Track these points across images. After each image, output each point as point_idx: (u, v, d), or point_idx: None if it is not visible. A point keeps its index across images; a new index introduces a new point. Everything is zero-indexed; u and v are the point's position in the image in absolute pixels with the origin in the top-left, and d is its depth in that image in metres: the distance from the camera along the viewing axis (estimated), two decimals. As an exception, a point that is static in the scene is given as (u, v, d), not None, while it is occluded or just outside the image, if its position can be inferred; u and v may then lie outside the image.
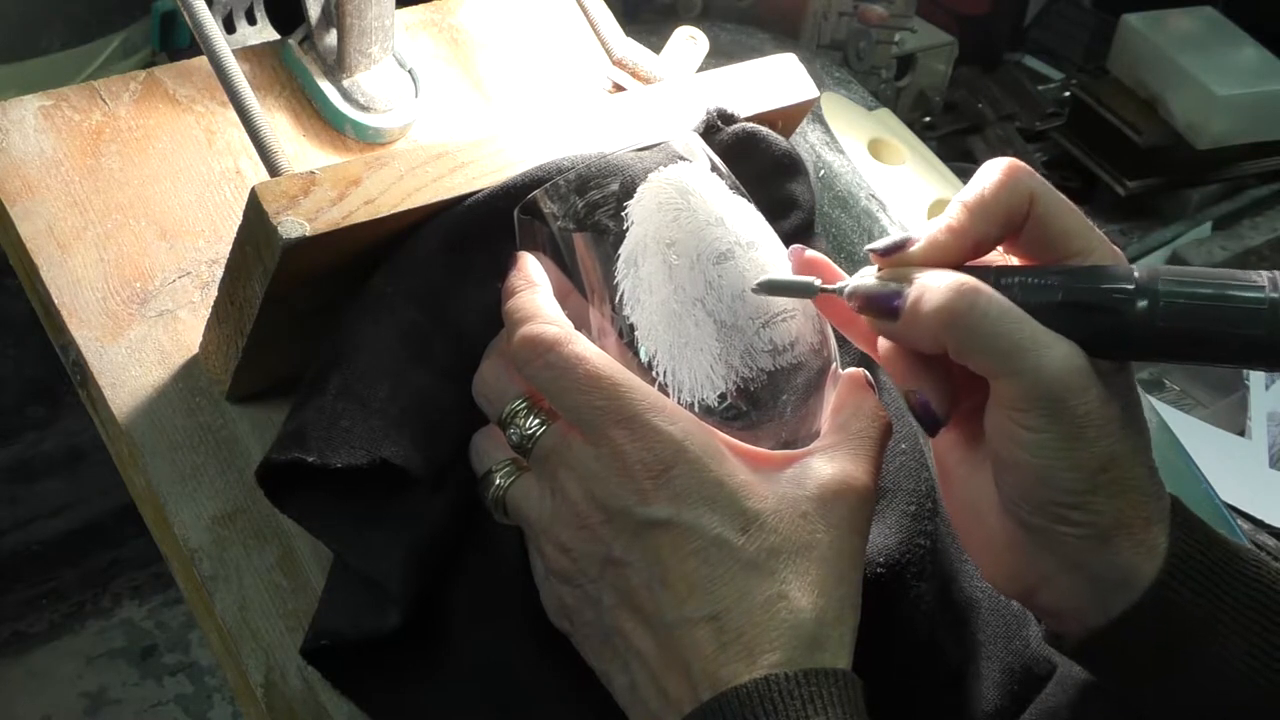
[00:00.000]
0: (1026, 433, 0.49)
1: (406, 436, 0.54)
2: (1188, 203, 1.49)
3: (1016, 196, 0.51)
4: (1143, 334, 0.49)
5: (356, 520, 0.55)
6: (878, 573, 0.57)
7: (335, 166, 0.55)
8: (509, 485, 0.53)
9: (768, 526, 0.49)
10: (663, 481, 0.49)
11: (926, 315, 0.49)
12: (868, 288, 0.51)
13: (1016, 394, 0.49)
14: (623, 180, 0.54)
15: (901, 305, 0.50)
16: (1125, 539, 0.50)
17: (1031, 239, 0.52)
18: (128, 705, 1.33)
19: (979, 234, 0.51)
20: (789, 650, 0.47)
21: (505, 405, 0.53)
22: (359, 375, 0.54)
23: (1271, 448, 1.21)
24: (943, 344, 0.50)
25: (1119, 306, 0.49)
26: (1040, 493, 0.50)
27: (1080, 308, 0.50)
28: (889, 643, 0.58)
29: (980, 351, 0.49)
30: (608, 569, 0.50)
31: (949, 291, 0.49)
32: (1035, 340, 0.49)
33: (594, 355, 0.50)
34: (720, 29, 1.15)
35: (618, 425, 0.49)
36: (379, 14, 0.68)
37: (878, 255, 0.52)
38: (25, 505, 1.37)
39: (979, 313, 0.49)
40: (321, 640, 0.54)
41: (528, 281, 0.54)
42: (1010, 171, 0.51)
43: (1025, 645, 0.65)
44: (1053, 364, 0.49)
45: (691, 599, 0.48)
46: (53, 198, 0.63)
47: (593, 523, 0.50)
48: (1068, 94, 1.55)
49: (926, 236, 0.51)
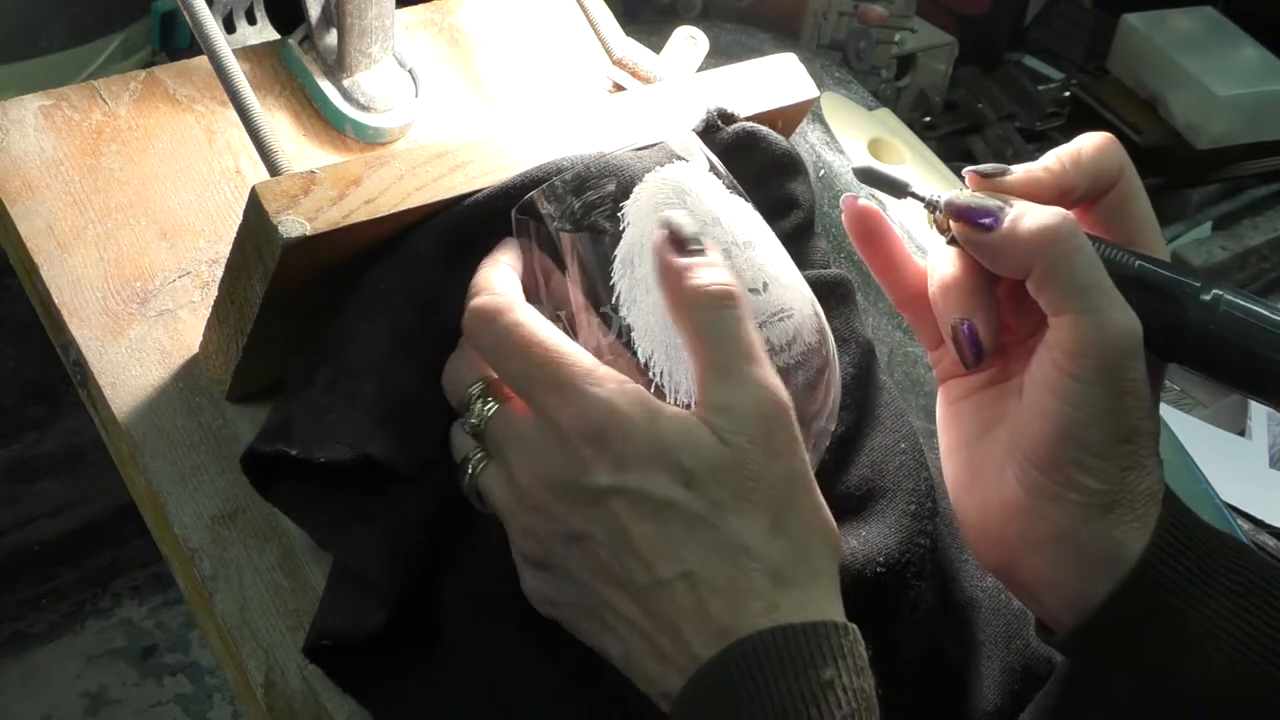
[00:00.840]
0: (1072, 381, 0.51)
1: (392, 432, 0.54)
2: (1188, 203, 1.49)
3: (1110, 162, 0.55)
4: (1196, 333, 0.52)
5: (340, 513, 0.55)
6: (878, 572, 0.57)
7: (335, 166, 0.55)
8: (479, 472, 0.53)
9: (708, 479, 0.49)
10: (600, 448, 0.49)
11: (1027, 231, 0.51)
12: (970, 198, 0.54)
13: (1078, 336, 0.51)
14: (619, 181, 0.54)
15: (1000, 218, 0.52)
16: (1121, 513, 0.52)
17: (1107, 211, 0.55)
18: (128, 705, 1.33)
19: (1070, 183, 0.54)
20: (768, 596, 0.47)
21: (462, 391, 0.53)
22: (347, 370, 0.54)
23: (1271, 448, 1.21)
24: (1029, 264, 0.52)
25: (1182, 299, 0.52)
26: (1060, 448, 0.52)
27: (1148, 288, 0.52)
28: (889, 643, 0.58)
29: (1064, 281, 0.51)
30: (572, 545, 0.50)
31: (1054, 215, 0.52)
32: (1110, 294, 0.51)
33: (531, 322, 0.50)
34: (720, 29, 1.15)
35: (550, 392, 0.49)
36: (379, 14, 0.68)
37: (978, 176, 0.55)
38: (25, 505, 1.37)
39: (1072, 247, 0.51)
40: (323, 640, 0.55)
41: (493, 260, 0.54)
42: (1108, 141, 0.55)
43: (1025, 645, 0.65)
44: (1120, 322, 0.51)
45: (659, 562, 0.48)
46: (53, 197, 0.63)
47: (545, 501, 0.50)
48: (1068, 94, 1.55)
49: (1024, 170, 0.54)
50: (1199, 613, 0.51)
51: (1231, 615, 0.51)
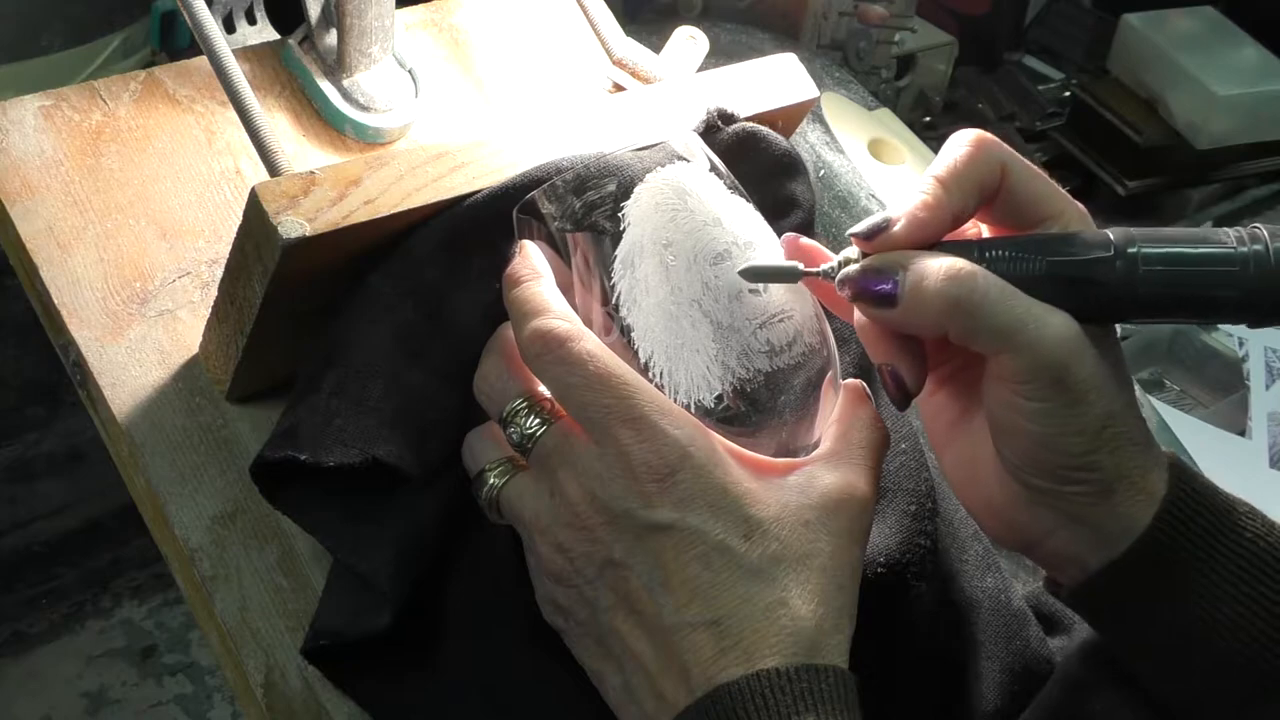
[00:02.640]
0: (1030, 403, 0.50)
1: (400, 435, 0.54)
2: (1188, 203, 1.49)
3: (988, 166, 0.52)
4: (1126, 301, 0.51)
5: (348, 517, 0.55)
6: (878, 572, 0.57)
7: (335, 166, 0.55)
8: (503, 485, 0.53)
9: (770, 534, 0.49)
10: (668, 485, 0.49)
11: (927, 304, 0.50)
12: (859, 276, 0.52)
13: (1018, 368, 0.50)
14: (620, 181, 0.54)
15: (898, 293, 0.51)
16: (1125, 489, 0.52)
17: (1004, 207, 0.53)
18: (128, 705, 1.33)
19: (956, 207, 0.52)
20: (787, 656, 0.47)
21: (506, 404, 0.53)
22: (353, 374, 0.54)
23: (1271, 448, 1.21)
24: (943, 329, 0.51)
25: (1100, 276, 0.51)
26: (1045, 458, 0.52)
27: (1062, 279, 0.51)
28: (889, 643, 0.58)
29: (983, 332, 0.50)
30: (606, 570, 0.50)
31: (948, 279, 0.50)
32: (1032, 315, 0.50)
33: (603, 353, 0.50)
34: (720, 29, 1.15)
35: (624, 425, 0.49)
36: (379, 14, 0.68)
37: (860, 239, 0.52)
38: (25, 505, 1.38)
39: (980, 296, 0.50)
40: (321, 640, 0.54)
41: (533, 272, 0.53)
42: (979, 143, 0.52)
43: (1025, 645, 0.65)
44: (1052, 335, 0.50)
45: (693, 604, 0.48)
46: (53, 198, 0.63)
47: (593, 524, 0.50)
48: (1068, 94, 1.55)
49: (906, 215, 0.51)
50: (1205, 578, 0.52)
51: (1238, 581, 0.51)
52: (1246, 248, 0.50)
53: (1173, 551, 0.52)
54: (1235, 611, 0.51)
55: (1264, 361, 1.28)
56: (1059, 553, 0.54)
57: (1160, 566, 0.52)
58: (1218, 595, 0.51)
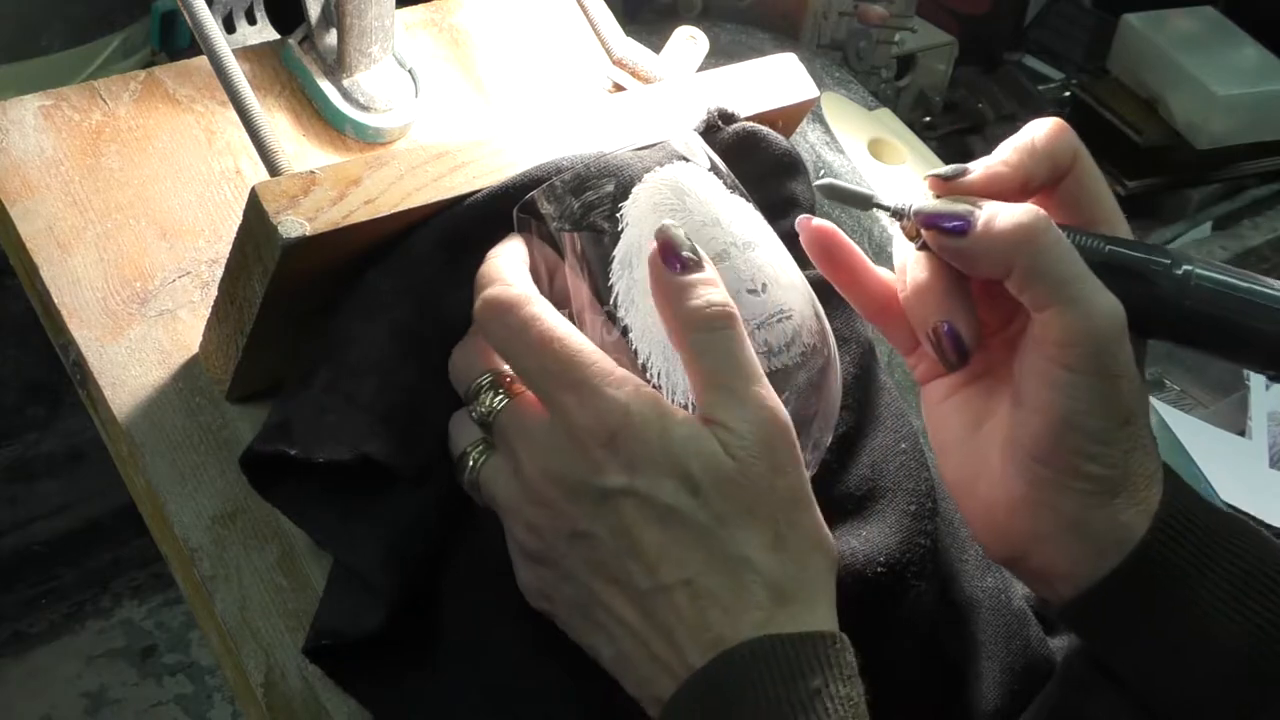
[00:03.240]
0: (1066, 372, 0.51)
1: (392, 433, 0.54)
2: (1188, 203, 1.50)
3: (1063, 149, 0.54)
4: (1171, 309, 0.52)
5: (339, 513, 0.55)
6: (878, 572, 0.57)
7: (335, 166, 0.55)
8: (480, 464, 0.53)
9: (714, 492, 0.49)
10: (612, 449, 0.49)
11: (1002, 232, 0.51)
12: (937, 204, 0.54)
13: (1065, 327, 0.51)
14: (619, 181, 0.54)
15: (972, 223, 0.52)
16: (1127, 497, 0.52)
17: (1065, 195, 0.55)
18: (128, 705, 1.33)
19: (1028, 173, 0.54)
20: (766, 609, 0.48)
21: (470, 381, 0.53)
22: (347, 370, 0.54)
23: (1271, 448, 1.21)
24: (1007, 265, 0.51)
25: (1154, 277, 0.52)
26: (1064, 439, 0.52)
27: (1120, 269, 0.52)
28: (889, 643, 0.58)
29: (1046, 277, 0.51)
30: (575, 543, 0.50)
31: (1026, 212, 0.51)
32: (1091, 280, 0.51)
33: (549, 317, 0.50)
34: (720, 29, 1.15)
35: (567, 389, 0.49)
36: (379, 14, 0.68)
37: (939, 180, 0.55)
38: (25, 505, 1.38)
39: (1051, 239, 0.51)
40: (322, 639, 0.55)
41: (501, 250, 0.54)
42: (1060, 126, 0.55)
43: (1025, 645, 0.65)
44: (1104, 304, 0.51)
45: (662, 566, 0.48)
46: (53, 198, 0.63)
47: (553, 498, 0.50)
48: (1068, 94, 1.55)
49: (985, 167, 0.54)
50: (1199, 594, 0.52)
51: (1231, 598, 0.51)
52: None
53: (1166, 566, 0.52)
54: (1227, 626, 0.51)
55: (1264, 361, 1.28)
56: (1047, 566, 0.54)
57: (1153, 582, 0.52)
58: (1209, 611, 0.51)
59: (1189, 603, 0.52)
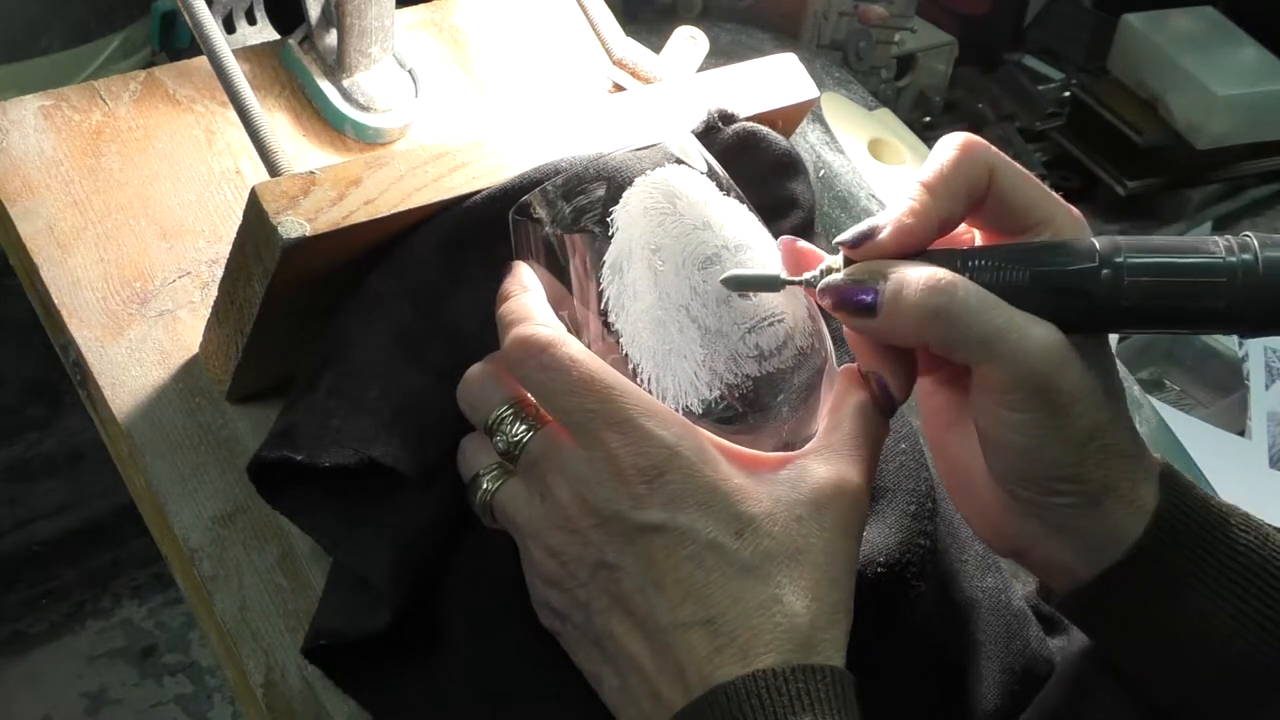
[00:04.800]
0: (1013, 414, 0.50)
1: (397, 437, 0.54)
2: (1187, 203, 1.49)
3: (975, 171, 0.51)
4: (1111, 312, 0.50)
5: (346, 518, 0.55)
6: (878, 573, 0.57)
7: (335, 166, 0.55)
8: (496, 489, 0.52)
9: (762, 530, 0.49)
10: (657, 485, 0.48)
11: (906, 314, 0.50)
12: (840, 286, 0.52)
13: (1001, 379, 0.50)
14: (610, 184, 0.54)
15: (878, 303, 0.50)
16: (1114, 501, 0.52)
17: (992, 212, 0.52)
18: (128, 705, 1.33)
19: (943, 213, 0.51)
20: (783, 653, 0.47)
21: (491, 412, 0.52)
22: (351, 374, 0.54)
23: (1271, 448, 1.21)
24: (923, 340, 0.50)
25: (1085, 286, 0.50)
26: (1030, 469, 0.51)
27: (1048, 290, 0.50)
28: (889, 643, 0.58)
29: (963, 343, 0.50)
30: (599, 573, 0.50)
31: (926, 289, 0.50)
32: (1014, 326, 0.49)
33: (587, 358, 0.50)
34: (720, 29, 1.15)
35: (610, 428, 0.49)
36: (379, 14, 0.68)
37: (846, 247, 0.52)
38: (25, 505, 1.38)
39: (959, 306, 0.49)
40: (321, 640, 0.55)
41: (521, 286, 0.53)
42: (966, 147, 0.52)
43: (1025, 645, 0.65)
44: (1034, 346, 0.49)
45: (686, 603, 0.48)
46: (53, 198, 0.63)
47: (583, 527, 0.49)
48: (1068, 94, 1.55)
49: (892, 223, 0.51)
50: (1198, 590, 0.51)
51: (1231, 595, 0.51)
52: (1235, 257, 0.49)
53: (1163, 563, 0.52)
54: (1226, 623, 0.51)
55: (1264, 361, 1.28)
56: (1049, 561, 0.54)
57: (1150, 578, 0.52)
58: (1208, 607, 0.51)
59: (1188, 599, 0.52)
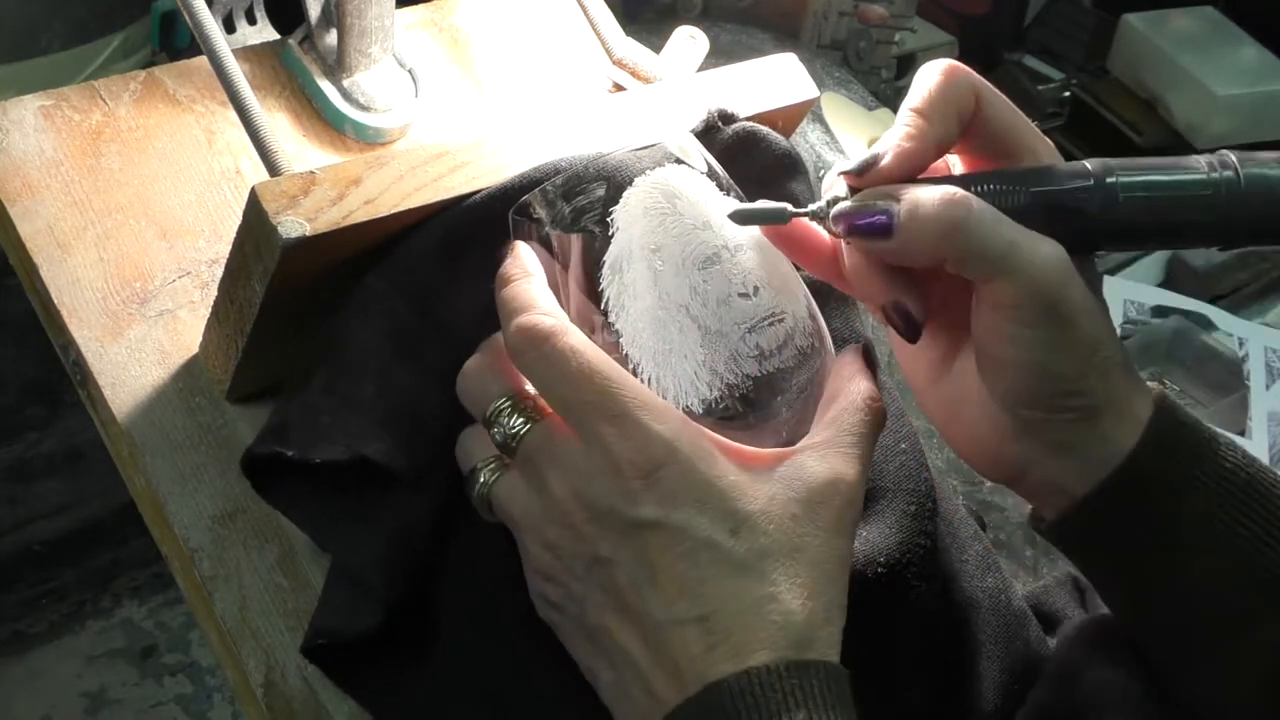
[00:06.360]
0: (1024, 329, 0.51)
1: (390, 434, 0.54)
2: (1188, 203, 1.49)
3: (962, 93, 0.53)
4: (1105, 225, 0.53)
5: (338, 514, 0.55)
6: (878, 573, 0.57)
7: (335, 166, 0.55)
8: (493, 482, 0.52)
9: (757, 528, 0.49)
10: (652, 481, 0.48)
11: (924, 229, 0.51)
12: (856, 209, 0.52)
13: (1012, 293, 0.51)
14: (610, 184, 0.53)
15: (894, 223, 0.51)
16: (1112, 414, 0.53)
17: (979, 138, 0.54)
18: (128, 705, 1.33)
19: (939, 135, 0.53)
20: (778, 650, 0.47)
21: (489, 404, 0.52)
22: (344, 371, 0.54)
23: (1272, 448, 1.21)
24: (940, 255, 0.51)
25: (1081, 205, 0.52)
26: (1037, 386, 0.52)
27: (1046, 209, 0.52)
28: (889, 643, 0.58)
29: (978, 257, 0.51)
30: (594, 568, 0.50)
31: (944, 203, 0.50)
32: (1025, 240, 0.51)
33: (588, 349, 0.50)
34: (720, 29, 1.16)
35: (608, 422, 0.49)
36: (379, 14, 0.68)
37: (852, 176, 0.53)
38: (25, 505, 1.38)
39: (975, 220, 0.50)
40: (320, 639, 0.55)
41: (523, 271, 0.53)
42: (950, 71, 0.53)
43: (1025, 645, 0.65)
44: (1044, 261, 0.51)
45: (680, 600, 0.48)
46: (53, 198, 0.63)
47: (578, 521, 0.49)
48: (1068, 94, 1.55)
49: (893, 148, 0.52)
50: (1193, 503, 0.52)
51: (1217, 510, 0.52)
52: (1218, 174, 0.52)
53: (1156, 476, 0.53)
54: (1221, 537, 0.52)
55: (1264, 361, 1.28)
56: (1045, 482, 0.55)
57: (1144, 491, 0.53)
58: (1205, 514, 0.52)
59: (1184, 509, 0.52)
